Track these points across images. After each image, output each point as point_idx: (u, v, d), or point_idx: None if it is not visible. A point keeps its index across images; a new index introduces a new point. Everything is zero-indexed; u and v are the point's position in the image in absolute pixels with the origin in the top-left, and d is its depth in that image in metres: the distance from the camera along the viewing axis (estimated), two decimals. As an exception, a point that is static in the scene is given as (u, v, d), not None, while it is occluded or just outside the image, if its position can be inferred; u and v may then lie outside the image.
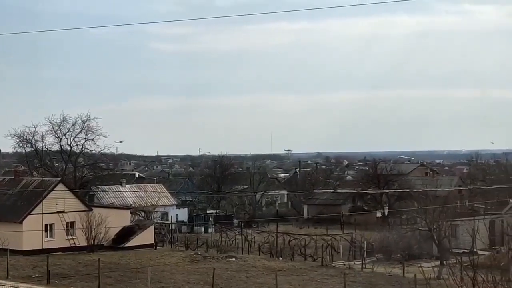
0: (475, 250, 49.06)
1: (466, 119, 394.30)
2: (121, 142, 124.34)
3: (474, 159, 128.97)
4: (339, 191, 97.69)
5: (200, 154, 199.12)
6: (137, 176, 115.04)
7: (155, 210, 74.93)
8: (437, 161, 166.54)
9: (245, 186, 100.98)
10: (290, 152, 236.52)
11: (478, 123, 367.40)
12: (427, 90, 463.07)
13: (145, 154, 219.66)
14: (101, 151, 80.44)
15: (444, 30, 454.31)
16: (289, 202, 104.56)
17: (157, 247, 60.53)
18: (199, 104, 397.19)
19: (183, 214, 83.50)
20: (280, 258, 55.21)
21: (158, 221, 72.40)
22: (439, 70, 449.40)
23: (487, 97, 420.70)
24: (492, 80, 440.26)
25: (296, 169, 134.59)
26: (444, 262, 46.34)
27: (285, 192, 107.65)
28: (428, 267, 46.20)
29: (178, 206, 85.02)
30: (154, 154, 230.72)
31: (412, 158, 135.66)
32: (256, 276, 44.61)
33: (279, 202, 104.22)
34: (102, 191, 79.53)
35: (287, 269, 47.47)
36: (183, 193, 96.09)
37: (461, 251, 52.38)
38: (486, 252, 47.51)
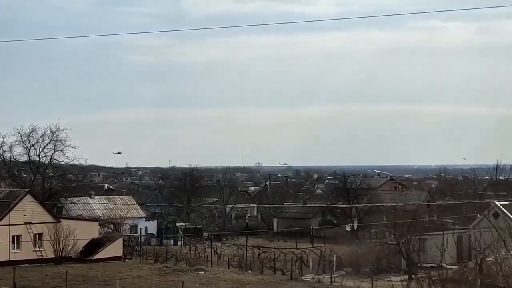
0: (443, 264, 49.39)
1: (435, 134, 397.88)
2: (119, 153, 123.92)
3: (442, 174, 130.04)
4: (309, 204, 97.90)
5: (170, 166, 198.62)
6: (106, 188, 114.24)
7: (124, 222, 74.47)
8: (406, 176, 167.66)
9: (215, 199, 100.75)
10: (260, 165, 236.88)
11: (447, 138, 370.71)
12: (396, 105, 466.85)
13: (115, 166, 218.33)
14: (70, 162, 79.82)
15: (413, 46, 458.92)
16: (259, 215, 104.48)
17: (126, 260, 60.06)
18: (170, 116, 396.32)
19: (152, 226, 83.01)
20: (250, 271, 55.11)
21: (127, 234, 71.88)
22: (409, 85, 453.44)
23: (455, 113, 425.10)
24: (459, 96, 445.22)
25: (266, 182, 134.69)
26: (413, 276, 46.58)
27: (255, 205, 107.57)
28: (397, 281, 46.35)
29: (148, 219, 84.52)
30: (123, 166, 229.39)
31: (390, 174, 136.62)
32: (225, 289, 44.43)
33: (249, 215, 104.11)
34: (71, 202, 78.82)
35: (256, 283, 47.37)
36: (152, 205, 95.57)
37: (429, 265, 52.70)
38: (454, 267, 47.86)
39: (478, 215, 65.39)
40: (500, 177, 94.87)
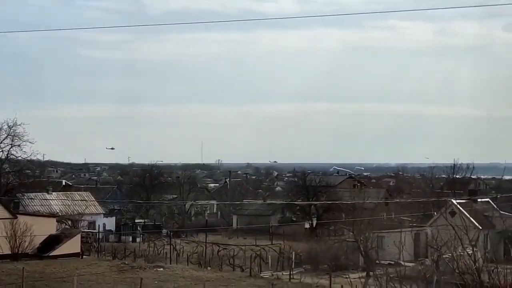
0: (401, 261, 49.95)
1: (395, 133, 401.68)
2: (112, 148, 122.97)
3: (400, 172, 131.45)
4: (268, 202, 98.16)
5: (130, 162, 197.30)
6: (64, 183, 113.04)
7: (82, 218, 73.86)
8: (365, 174, 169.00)
9: (175, 196, 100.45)
10: (220, 162, 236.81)
11: (407, 137, 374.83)
12: (357, 104, 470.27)
13: (73, 162, 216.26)
14: (28, 158, 78.83)
15: (373, 45, 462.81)
16: (219, 212, 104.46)
17: (84, 256, 59.58)
18: (129, 112, 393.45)
19: (110, 223, 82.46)
20: (209, 268, 55.09)
21: (85, 230, 71.31)
22: (369, 84, 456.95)
23: (414, 112, 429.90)
24: (419, 95, 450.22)
25: (226, 179, 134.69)
26: (370, 273, 47.02)
27: (214, 202, 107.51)
28: (355, 278, 46.74)
29: (106, 215, 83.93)
30: (82, 161, 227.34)
31: (363, 168, 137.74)
32: (184, 286, 44.40)
33: (208, 212, 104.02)
34: (28, 198, 77.85)
35: (215, 280, 47.38)
36: (111, 201, 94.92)
37: (387, 262, 53.24)
38: (411, 264, 48.40)
39: (435, 213, 66.24)
40: (457, 176, 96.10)
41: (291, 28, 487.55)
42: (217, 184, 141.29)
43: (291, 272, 52.00)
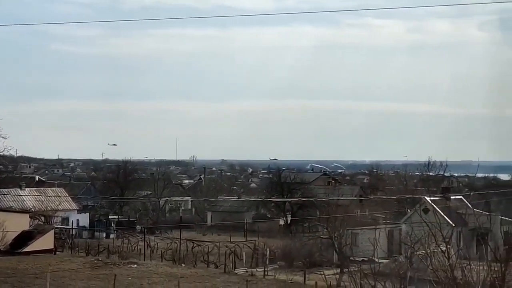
0: (374, 258, 50.18)
1: (370, 131, 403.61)
2: (114, 145, 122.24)
3: (374, 170, 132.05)
4: (243, 198, 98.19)
5: (103, 158, 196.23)
6: (37, 179, 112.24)
7: (56, 214, 73.36)
8: (339, 171, 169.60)
9: (149, 192, 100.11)
10: (195, 158, 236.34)
11: (381, 135, 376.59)
12: (332, 101, 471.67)
13: (46, 157, 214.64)
14: (0, 153, 78.02)
15: (348, 43, 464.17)
16: (193, 209, 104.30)
17: (57, 253, 59.24)
18: (103, 108, 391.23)
19: (84, 219, 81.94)
20: (183, 265, 54.98)
21: (58, 226, 70.85)
22: (344, 81, 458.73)
23: (389, 110, 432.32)
24: (392, 93, 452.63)
25: (201, 176, 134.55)
26: (345, 269, 47.21)
27: (189, 198, 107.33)
28: (329, 275, 46.95)
29: (80, 211, 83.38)
30: (55, 157, 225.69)
31: (340, 166, 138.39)
32: (158, 282, 44.28)
33: (183, 208, 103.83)
34: (0, 194, 77.11)
35: (189, 276, 47.32)
36: (84, 198, 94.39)
37: (361, 259, 53.46)
38: (385, 260, 48.65)
39: (409, 210, 66.66)
40: (430, 173, 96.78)
41: (267, 25, 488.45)
42: (191, 181, 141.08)
43: (266, 269, 52.07)
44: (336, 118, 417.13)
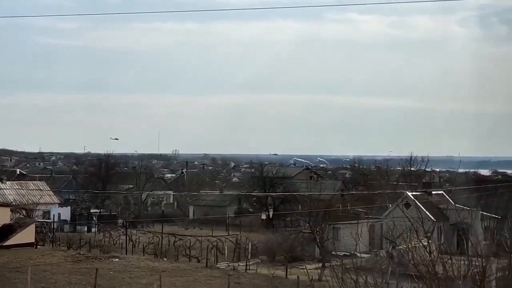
0: (356, 253, 50.39)
1: (352, 125, 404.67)
2: (116, 139, 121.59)
3: (356, 165, 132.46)
4: (225, 192, 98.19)
5: (85, 152, 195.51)
6: (18, 173, 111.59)
7: (37, 208, 72.98)
8: (321, 166, 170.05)
9: (131, 186, 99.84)
10: (177, 152, 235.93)
11: (363, 129, 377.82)
12: (313, 95, 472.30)
13: (27, 151, 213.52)
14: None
15: (330, 38, 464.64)
16: (175, 203, 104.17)
17: (38, 246, 58.95)
18: (85, 101, 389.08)
19: (65, 212, 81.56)
20: (165, 259, 54.90)
21: (40, 220, 70.46)
22: (325, 76, 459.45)
23: (371, 105, 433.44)
24: (374, 88, 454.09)
25: (183, 170, 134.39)
26: (326, 264, 47.36)
27: (171, 192, 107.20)
28: (311, 269, 47.03)
29: (61, 205, 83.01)
30: (36, 150, 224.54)
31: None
32: (140, 277, 44.19)
33: (165, 202, 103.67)
34: (-19, 187, 76.65)
35: (171, 270, 47.26)
36: (66, 191, 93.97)
37: (342, 253, 53.66)
38: (366, 255, 48.88)
39: (390, 205, 66.94)
40: (412, 168, 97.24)
41: (248, 19, 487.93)
42: (174, 175, 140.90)
43: (248, 263, 52.11)
44: (318, 113, 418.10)
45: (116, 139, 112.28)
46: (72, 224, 79.37)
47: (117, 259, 51.39)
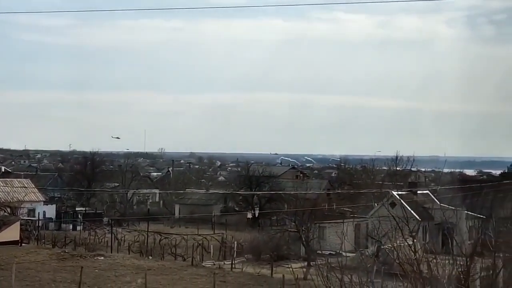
0: (342, 252, 50.52)
1: (339, 125, 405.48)
2: (118, 138, 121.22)
3: (342, 164, 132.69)
4: (211, 191, 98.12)
5: (71, 150, 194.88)
6: (3, 170, 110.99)
7: (22, 206, 72.67)
8: (307, 165, 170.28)
9: (117, 184, 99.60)
10: (163, 151, 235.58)
11: (349, 129, 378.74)
12: (300, 95, 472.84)
13: (12, 148, 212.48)
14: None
15: (317, 36, 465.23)
16: (161, 201, 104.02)
17: (23, 244, 58.68)
18: (71, 98, 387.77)
19: (51, 210, 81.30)
20: (150, 257, 54.82)
21: (25, 218, 70.17)
22: (312, 75, 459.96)
23: (357, 104, 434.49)
24: (360, 88, 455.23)
25: (169, 168, 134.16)
26: (312, 263, 47.44)
27: (157, 191, 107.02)
28: (296, 268, 47.10)
29: (46, 203, 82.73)
30: (22, 148, 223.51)
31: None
32: (125, 275, 44.09)
33: (150, 201, 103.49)
34: (-35, 185, 76.26)
35: (156, 268, 47.20)
36: (51, 189, 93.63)
37: (328, 252, 53.75)
38: (352, 254, 49.00)
39: (376, 204, 67.14)
40: (398, 168, 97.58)
41: (236, 17, 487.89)
42: (159, 173, 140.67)
43: (233, 262, 52.13)
44: (306, 112, 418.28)
45: (117, 138, 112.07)
46: (57, 222, 79.07)
47: (102, 257, 51.26)
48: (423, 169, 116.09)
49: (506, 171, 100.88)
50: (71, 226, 77.92)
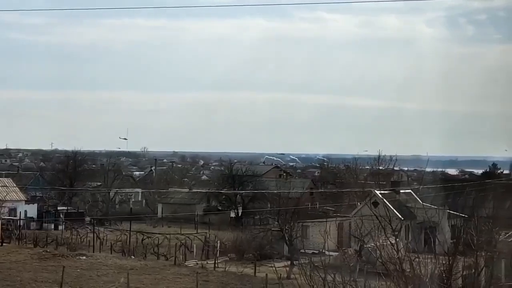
0: (325, 251, 50.56)
1: (322, 124, 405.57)
2: (125, 139, 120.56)
3: (325, 163, 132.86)
4: (194, 190, 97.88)
5: (52, 149, 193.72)
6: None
7: (3, 205, 72.17)
8: (291, 164, 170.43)
9: (99, 183, 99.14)
10: (146, 150, 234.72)
11: (333, 128, 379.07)
12: (283, 94, 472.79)
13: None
14: None
15: (299, 36, 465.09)
16: (144, 201, 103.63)
17: (4, 244, 58.34)
18: (52, 97, 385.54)
19: (32, 210, 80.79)
20: (133, 257, 54.62)
21: (6, 217, 69.72)
22: (295, 74, 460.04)
23: (340, 103, 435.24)
24: (342, 87, 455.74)
25: (152, 167, 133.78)
26: (295, 262, 47.45)
27: (139, 190, 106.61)
28: (280, 267, 47.10)
29: (28, 202, 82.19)
30: (3, 147, 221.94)
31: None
32: (107, 274, 43.92)
33: (133, 200, 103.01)
34: None
35: (139, 268, 47.03)
36: (33, 188, 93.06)
37: (311, 251, 53.80)
38: (335, 253, 49.06)
39: (359, 203, 67.28)
40: (380, 167, 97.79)
41: (218, 16, 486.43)
42: (142, 172, 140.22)
43: (216, 261, 52.03)
44: (289, 111, 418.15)
45: (125, 139, 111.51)
46: (39, 221, 78.61)
47: (84, 257, 51.01)
48: (405, 168, 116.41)
49: (488, 170, 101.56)
50: (53, 226, 77.50)
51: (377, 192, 64.28)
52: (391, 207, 54.91)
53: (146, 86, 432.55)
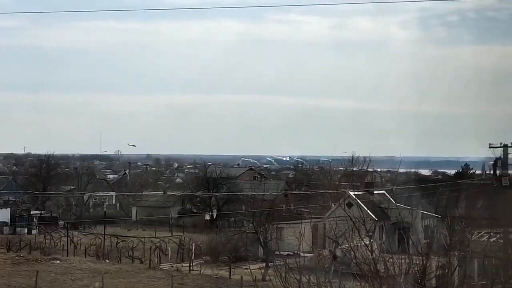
0: (299, 252, 50.71)
1: (295, 126, 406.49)
2: (134, 146, 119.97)
3: (299, 165, 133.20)
4: (168, 193, 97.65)
5: (25, 152, 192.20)
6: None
7: (-25, 210, 71.56)
8: (265, 166, 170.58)
9: (73, 187, 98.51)
10: (119, 153, 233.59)
11: (306, 130, 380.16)
12: (256, 96, 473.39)
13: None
14: None
15: (272, 38, 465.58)
16: (118, 204, 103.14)
17: (-24, 249, 57.74)
18: (24, 101, 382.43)
19: (5, 214, 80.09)
20: (107, 261, 54.37)
21: (-22, 222, 69.11)
22: (268, 77, 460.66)
23: (313, 105, 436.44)
24: (316, 89, 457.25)
25: (126, 171, 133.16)
26: (270, 264, 47.54)
27: (113, 193, 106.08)
28: (255, 269, 47.15)
29: (0, 206, 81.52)
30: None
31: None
32: (82, 278, 43.71)
33: (107, 203, 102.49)
34: None
35: (114, 272, 46.85)
36: (5, 192, 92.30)
37: (286, 253, 53.89)
38: (309, 254, 49.21)
39: (333, 204, 67.51)
40: (354, 168, 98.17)
41: (192, 18, 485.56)
42: (116, 176, 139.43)
43: (191, 264, 51.97)
44: (264, 113, 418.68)
45: (133, 145, 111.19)
46: (12, 226, 77.98)
47: (58, 261, 50.70)
48: (379, 169, 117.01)
49: (460, 170, 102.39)
50: (26, 230, 76.93)
51: (351, 193, 64.57)
52: (365, 208, 55.23)
53: (120, 88, 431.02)
